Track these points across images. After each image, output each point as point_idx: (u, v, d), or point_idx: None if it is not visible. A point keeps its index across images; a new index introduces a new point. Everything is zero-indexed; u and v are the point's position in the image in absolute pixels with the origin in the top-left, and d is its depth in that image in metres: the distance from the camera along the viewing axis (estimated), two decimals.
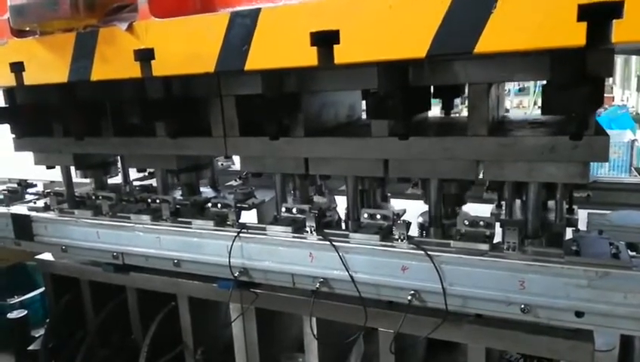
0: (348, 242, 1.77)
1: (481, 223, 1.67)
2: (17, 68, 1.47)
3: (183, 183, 2.36)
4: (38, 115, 2.29)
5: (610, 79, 14.85)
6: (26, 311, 3.01)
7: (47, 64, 1.44)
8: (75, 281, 2.62)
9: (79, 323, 2.67)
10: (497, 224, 1.70)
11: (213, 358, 2.38)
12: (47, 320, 2.78)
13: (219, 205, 2.10)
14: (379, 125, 1.71)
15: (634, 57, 13.63)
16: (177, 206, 2.18)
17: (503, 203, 1.95)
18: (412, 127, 1.66)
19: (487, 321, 1.71)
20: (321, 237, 1.81)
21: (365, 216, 1.85)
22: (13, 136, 2.42)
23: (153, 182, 2.68)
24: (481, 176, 1.69)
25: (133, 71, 1.30)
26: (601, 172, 9.90)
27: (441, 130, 1.85)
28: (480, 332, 1.72)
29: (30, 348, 2.82)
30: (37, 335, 2.91)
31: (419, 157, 1.68)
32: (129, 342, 2.55)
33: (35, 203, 2.51)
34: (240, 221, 2.01)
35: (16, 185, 2.78)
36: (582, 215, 1.88)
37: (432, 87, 1.86)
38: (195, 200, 2.24)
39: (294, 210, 1.95)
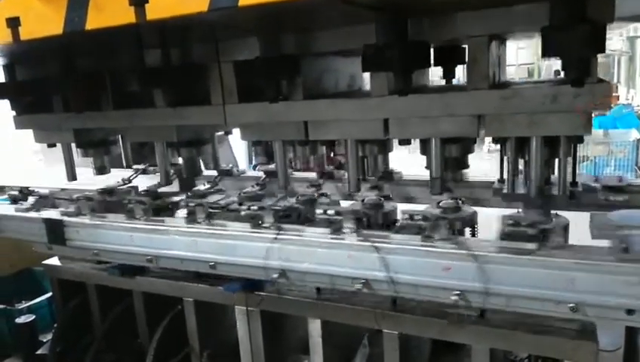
0: (389, 243, 1.72)
1: (524, 223, 1.63)
2: (13, 23, 1.47)
3: (184, 158, 2.34)
4: (37, 91, 2.29)
5: (615, 78, 14.81)
6: (33, 316, 3.02)
7: (43, 16, 1.44)
8: (82, 286, 2.64)
9: (86, 328, 2.68)
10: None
11: (219, 361, 2.39)
12: (55, 325, 2.80)
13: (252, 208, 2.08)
14: (378, 83, 1.69)
15: (639, 56, 13.60)
16: (210, 210, 2.17)
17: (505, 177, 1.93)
18: (411, 87, 1.65)
19: (491, 322, 1.71)
20: (360, 238, 1.77)
21: (405, 216, 1.84)
22: (14, 113, 2.42)
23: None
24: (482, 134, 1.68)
25: (128, 17, 1.29)
26: (607, 171, 9.86)
27: (442, 90, 1.84)
28: (484, 332, 1.72)
29: (38, 352, 2.84)
30: (45, 340, 2.93)
31: (419, 114, 1.66)
32: (135, 345, 2.56)
33: (67, 208, 2.48)
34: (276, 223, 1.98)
35: (17, 193, 2.78)
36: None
37: (432, 50, 1.84)
38: (227, 204, 2.24)
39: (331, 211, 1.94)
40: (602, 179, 2.03)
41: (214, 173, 2.78)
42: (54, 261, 2.68)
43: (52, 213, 2.50)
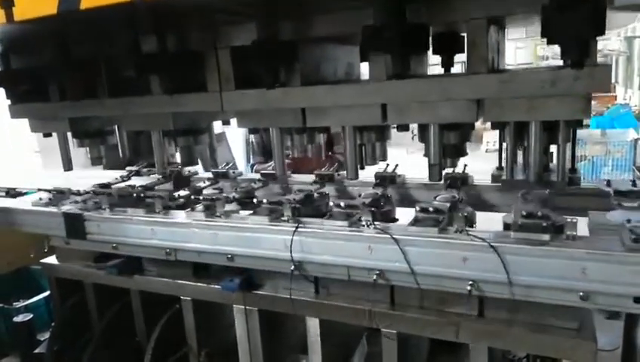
0: (407, 235, 1.73)
1: (539, 213, 1.64)
2: (7, 4, 1.45)
3: (181, 147, 2.32)
4: (32, 79, 2.27)
5: (613, 78, 14.81)
6: (31, 315, 3.04)
7: None
8: (79, 285, 2.62)
9: (84, 326, 2.66)
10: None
11: (217, 360, 2.38)
12: (53, 324, 2.79)
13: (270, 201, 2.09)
14: (376, 68, 1.68)
15: (636, 56, 13.60)
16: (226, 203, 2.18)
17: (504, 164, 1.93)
18: (410, 73, 1.64)
19: (490, 321, 1.71)
20: (379, 230, 1.77)
21: (418, 209, 1.85)
22: (9, 102, 2.40)
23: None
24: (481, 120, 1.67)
25: None
26: (604, 171, 9.87)
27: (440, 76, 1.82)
28: (482, 331, 1.72)
29: (36, 351, 2.84)
30: (42, 339, 2.93)
31: (417, 99, 1.65)
32: (133, 344, 2.54)
33: (85, 202, 2.47)
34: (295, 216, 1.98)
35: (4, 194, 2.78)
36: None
37: (431, 38, 1.83)
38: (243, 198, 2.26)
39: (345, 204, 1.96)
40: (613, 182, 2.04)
41: (209, 175, 2.86)
42: (52, 260, 2.67)
43: (70, 208, 2.47)
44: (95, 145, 2.51)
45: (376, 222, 1.81)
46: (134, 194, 2.44)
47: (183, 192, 2.48)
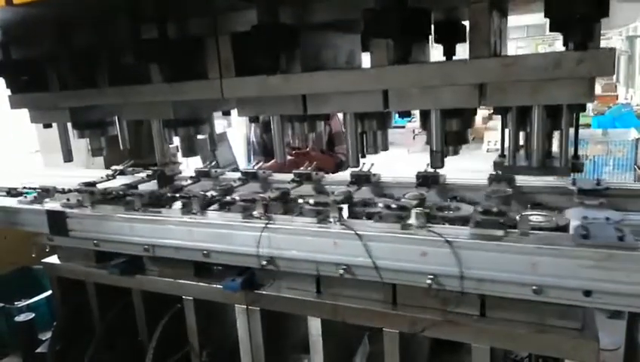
0: (370, 231, 1.81)
1: (495, 210, 1.75)
2: None
3: (182, 137, 2.31)
4: (33, 70, 2.27)
5: (614, 77, 14.82)
6: (33, 314, 3.01)
7: None
8: (81, 284, 2.63)
9: (86, 326, 2.66)
10: None
11: (219, 359, 2.38)
12: (54, 323, 2.79)
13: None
14: (378, 54, 1.67)
15: (638, 55, 13.60)
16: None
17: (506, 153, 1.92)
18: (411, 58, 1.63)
19: (492, 321, 1.71)
20: (344, 226, 1.85)
21: (380, 205, 1.93)
22: (9, 92, 2.40)
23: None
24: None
25: None
26: (606, 170, 9.86)
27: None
28: (484, 331, 1.72)
29: (37, 350, 2.82)
30: (44, 338, 2.91)
31: (419, 84, 1.64)
32: (135, 344, 2.54)
33: (68, 200, 2.53)
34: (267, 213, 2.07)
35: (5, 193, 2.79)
36: None
37: (433, 26, 1.82)
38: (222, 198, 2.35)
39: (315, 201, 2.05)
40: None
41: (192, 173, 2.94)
42: (54, 259, 2.68)
43: (54, 205, 2.53)
44: (95, 136, 2.50)
45: (342, 219, 1.89)
46: (115, 192, 2.50)
47: (163, 190, 2.54)
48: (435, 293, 1.77)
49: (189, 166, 3.94)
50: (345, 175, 2.62)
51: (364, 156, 2.02)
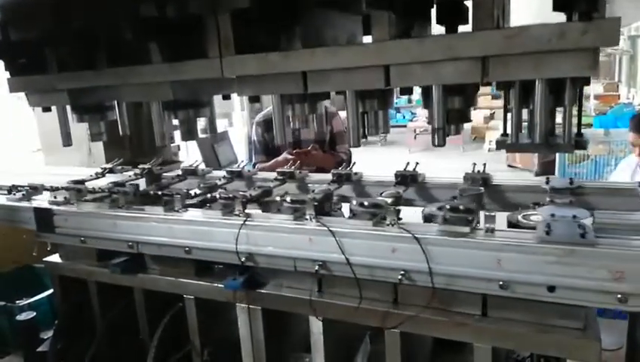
0: (344, 227, 1.88)
1: (462, 208, 1.81)
2: None
3: (181, 121, 2.30)
4: (31, 51, 2.25)
5: (616, 77, 14.79)
6: (34, 313, 3.00)
7: None
8: (82, 283, 2.64)
9: (87, 325, 2.67)
10: None
11: (220, 358, 2.39)
12: (56, 322, 2.80)
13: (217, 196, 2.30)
14: (378, 29, 1.65)
15: None
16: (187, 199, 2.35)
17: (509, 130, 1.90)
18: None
19: (494, 320, 1.73)
20: (319, 223, 1.91)
21: (355, 203, 2.01)
22: (8, 75, 2.38)
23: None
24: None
25: None
26: (607, 170, 9.83)
27: None
28: (486, 331, 1.72)
29: (39, 349, 2.83)
30: (45, 337, 2.91)
31: (421, 59, 1.62)
32: (137, 342, 2.54)
33: (55, 197, 2.59)
34: (246, 211, 2.13)
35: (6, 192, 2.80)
36: None
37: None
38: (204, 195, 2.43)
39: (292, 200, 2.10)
40: None
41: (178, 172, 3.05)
42: (55, 258, 2.70)
43: (41, 202, 2.60)
44: (95, 120, 2.48)
45: (318, 216, 1.95)
46: (101, 190, 2.57)
47: (147, 188, 2.62)
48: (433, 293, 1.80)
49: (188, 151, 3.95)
50: (327, 174, 2.70)
51: (365, 137, 2.00)
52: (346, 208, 2.22)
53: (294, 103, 2.03)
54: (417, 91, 1.96)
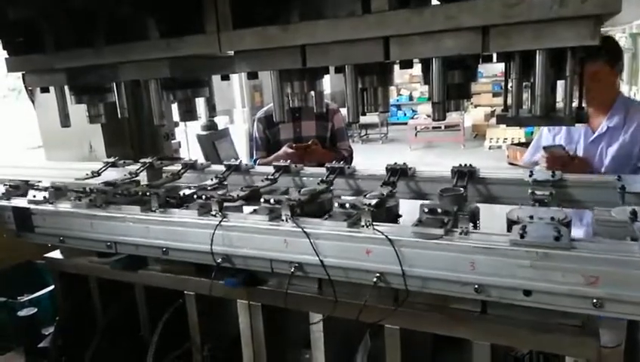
0: (318, 229, 1.87)
1: (439, 210, 1.81)
2: None
3: (179, 100, 2.28)
4: (30, 30, 2.24)
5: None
6: (35, 309, 3.00)
7: None
8: (83, 279, 2.66)
9: (88, 321, 2.67)
10: None
11: (220, 354, 2.39)
12: (57, 318, 2.81)
13: (203, 197, 2.25)
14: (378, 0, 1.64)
15: None
16: (167, 198, 2.34)
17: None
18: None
19: (493, 318, 1.72)
20: (294, 225, 1.90)
21: (336, 205, 2.00)
22: (5, 55, 2.37)
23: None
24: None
25: None
26: None
27: None
28: (485, 328, 1.73)
29: (40, 345, 2.85)
30: (46, 333, 2.93)
31: (421, 30, 1.60)
32: (137, 338, 2.55)
33: (34, 196, 2.58)
34: (223, 211, 2.12)
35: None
36: None
37: None
38: (183, 194, 2.40)
39: (272, 201, 2.07)
40: None
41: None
42: (56, 254, 2.70)
43: (20, 202, 2.61)
44: (93, 101, 2.47)
45: (294, 217, 1.95)
46: (81, 188, 2.55)
47: (124, 186, 2.57)
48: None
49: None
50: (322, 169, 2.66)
51: (364, 113, 1.98)
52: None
53: (293, 80, 2.01)
54: (420, 90, 1.96)
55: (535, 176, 2.18)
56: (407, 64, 1.76)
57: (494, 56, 1.74)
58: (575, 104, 1.68)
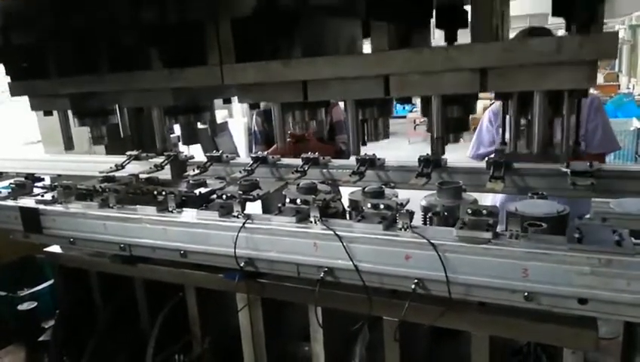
0: (351, 232, 1.79)
1: (484, 211, 1.70)
2: None
3: (182, 125, 2.31)
4: (33, 55, 2.25)
5: (617, 67, 14.75)
6: (36, 303, 3.05)
7: None
8: (84, 273, 2.65)
9: (89, 314, 2.68)
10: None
11: (220, 347, 2.40)
12: (57, 312, 2.80)
13: (224, 196, 2.15)
14: (378, 39, 1.67)
15: None
16: (183, 198, 2.26)
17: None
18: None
19: (491, 309, 1.71)
20: (324, 227, 1.83)
21: (368, 205, 1.91)
22: (9, 79, 2.39)
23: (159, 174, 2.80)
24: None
25: None
26: (607, 160, 9.82)
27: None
28: (484, 320, 1.72)
29: (40, 339, 2.86)
30: (47, 327, 2.96)
31: (420, 69, 1.63)
32: (137, 332, 2.56)
33: (42, 196, 2.52)
34: (245, 212, 2.05)
35: (23, 179, 2.79)
36: None
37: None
38: (201, 192, 2.32)
39: (298, 201, 2.02)
40: None
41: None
42: (56, 248, 2.68)
43: (28, 202, 2.53)
44: (96, 124, 2.49)
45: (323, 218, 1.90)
46: (89, 188, 2.50)
47: (138, 184, 2.54)
48: None
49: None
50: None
51: (364, 144, 2.01)
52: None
53: (295, 110, 2.04)
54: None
55: (573, 167, 2.02)
56: (406, 99, 1.79)
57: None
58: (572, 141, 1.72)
